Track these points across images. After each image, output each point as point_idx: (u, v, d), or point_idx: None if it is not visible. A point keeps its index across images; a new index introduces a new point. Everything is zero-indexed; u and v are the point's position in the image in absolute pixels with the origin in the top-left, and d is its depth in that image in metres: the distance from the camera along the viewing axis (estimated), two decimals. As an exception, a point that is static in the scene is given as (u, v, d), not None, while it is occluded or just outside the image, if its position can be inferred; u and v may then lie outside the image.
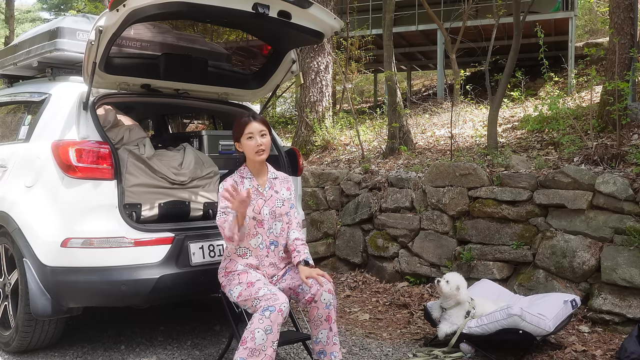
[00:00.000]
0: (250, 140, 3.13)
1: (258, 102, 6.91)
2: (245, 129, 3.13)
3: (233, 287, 3.10)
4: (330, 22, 3.71)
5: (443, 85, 12.28)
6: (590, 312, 4.11)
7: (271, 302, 2.87)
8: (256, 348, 2.82)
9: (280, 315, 2.86)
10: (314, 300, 3.08)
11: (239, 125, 3.15)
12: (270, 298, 2.90)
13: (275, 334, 2.85)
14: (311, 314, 3.13)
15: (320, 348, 3.12)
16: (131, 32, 3.87)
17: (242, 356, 2.83)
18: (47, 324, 3.52)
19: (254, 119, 3.15)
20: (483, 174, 4.91)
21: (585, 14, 16.67)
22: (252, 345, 2.81)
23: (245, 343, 2.83)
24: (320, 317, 3.09)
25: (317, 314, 3.10)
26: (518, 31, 6.23)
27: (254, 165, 3.24)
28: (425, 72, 20.11)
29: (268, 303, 2.87)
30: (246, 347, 2.82)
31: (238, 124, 3.16)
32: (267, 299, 2.90)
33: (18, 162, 3.68)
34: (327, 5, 8.25)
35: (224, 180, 3.20)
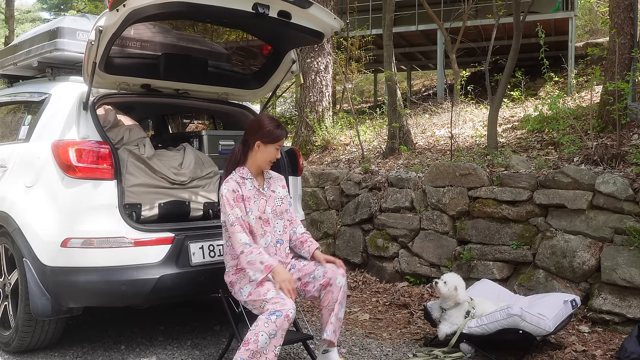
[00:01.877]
0: (275, 152, 3.21)
1: (258, 102, 6.90)
2: (278, 141, 3.20)
3: (243, 286, 3.12)
4: (330, 22, 3.71)
5: (443, 85, 12.28)
6: (590, 312, 4.11)
7: (278, 306, 2.88)
8: (258, 351, 2.82)
9: (286, 321, 2.87)
10: (329, 284, 3.17)
11: (275, 133, 3.18)
12: (277, 302, 2.91)
13: (279, 339, 2.86)
14: (324, 300, 3.20)
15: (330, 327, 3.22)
16: (131, 32, 3.87)
17: (243, 357, 2.83)
18: (47, 324, 3.52)
19: (285, 137, 3.25)
20: (483, 174, 4.91)
21: (585, 14, 16.67)
22: (254, 348, 2.82)
23: (247, 344, 2.83)
24: (334, 300, 3.16)
25: (331, 297, 3.17)
26: (518, 31, 6.23)
27: (256, 168, 3.27)
28: (425, 72, 20.10)
29: (275, 307, 2.88)
30: (248, 348, 2.83)
31: (274, 131, 3.18)
32: (275, 302, 2.91)
33: (18, 162, 3.68)
34: (327, 5, 8.25)
35: (226, 181, 3.19)
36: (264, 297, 2.97)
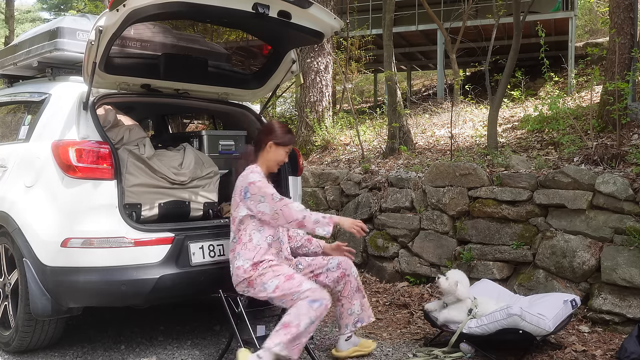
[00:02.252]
0: (284, 154, 3.43)
1: (258, 102, 6.90)
2: (289, 145, 3.44)
3: (267, 280, 3.14)
4: (330, 22, 3.71)
5: (443, 85, 12.28)
6: (590, 312, 4.10)
7: (318, 296, 3.01)
8: (298, 335, 2.94)
9: (325, 310, 3.04)
10: (346, 274, 3.38)
11: (289, 137, 3.43)
12: (317, 291, 3.04)
13: (314, 327, 2.98)
14: (345, 290, 3.41)
15: (355, 319, 3.47)
16: (131, 32, 3.87)
17: (283, 341, 2.93)
18: (47, 324, 3.52)
19: (294, 143, 3.51)
20: (483, 174, 4.91)
21: (585, 14, 16.67)
22: (296, 332, 2.93)
23: (288, 327, 2.93)
24: (353, 289, 3.43)
25: (350, 287, 3.40)
26: (518, 31, 6.23)
27: (265, 169, 3.40)
28: (425, 72, 20.10)
29: (316, 296, 3.00)
30: (289, 331, 2.92)
31: (288, 135, 3.42)
32: (314, 291, 3.03)
33: (18, 162, 3.68)
34: (327, 5, 8.25)
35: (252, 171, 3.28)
36: (297, 288, 3.05)
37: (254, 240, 3.27)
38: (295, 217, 3.14)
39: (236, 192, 3.32)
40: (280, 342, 2.92)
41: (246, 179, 3.26)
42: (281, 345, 2.93)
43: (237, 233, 3.29)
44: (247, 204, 3.24)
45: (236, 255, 3.29)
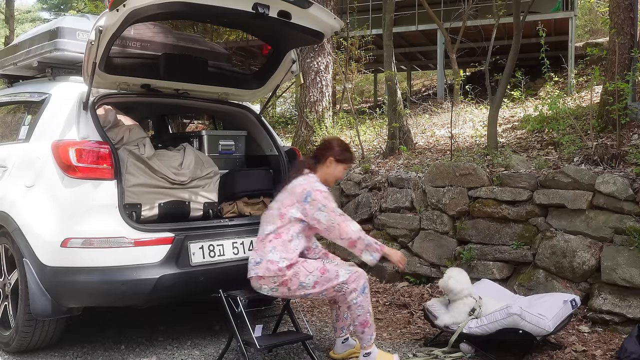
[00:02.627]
0: (342, 171, 3.50)
1: (258, 102, 6.90)
2: (348, 163, 3.53)
3: (305, 278, 3.15)
4: (330, 22, 3.71)
5: (443, 85, 12.28)
6: (590, 312, 4.10)
7: (359, 280, 3.16)
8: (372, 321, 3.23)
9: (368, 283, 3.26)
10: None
11: (349, 155, 3.50)
12: (356, 278, 3.16)
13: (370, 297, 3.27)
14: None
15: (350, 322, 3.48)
16: (131, 32, 3.87)
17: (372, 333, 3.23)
18: (47, 324, 3.52)
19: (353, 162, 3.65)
20: (483, 174, 4.91)
21: (585, 14, 16.68)
22: (372, 320, 3.21)
23: (367, 324, 3.18)
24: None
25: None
26: (518, 31, 6.23)
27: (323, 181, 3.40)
28: (425, 72, 20.11)
29: (358, 283, 3.16)
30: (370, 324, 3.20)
31: (348, 153, 3.48)
32: (354, 279, 3.15)
33: (18, 162, 3.68)
34: (327, 5, 8.25)
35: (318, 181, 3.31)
36: (336, 280, 3.14)
37: (293, 242, 3.23)
38: (350, 235, 3.18)
39: (294, 192, 3.25)
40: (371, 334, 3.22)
41: (312, 185, 3.24)
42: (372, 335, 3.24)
43: (279, 227, 3.23)
44: (304, 207, 3.20)
45: (271, 249, 3.20)
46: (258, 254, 3.26)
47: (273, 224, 3.25)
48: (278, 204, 3.31)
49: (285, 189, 3.35)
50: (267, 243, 3.23)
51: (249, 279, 3.29)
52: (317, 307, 4.77)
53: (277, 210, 3.27)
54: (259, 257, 3.24)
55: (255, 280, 3.25)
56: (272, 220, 3.27)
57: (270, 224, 3.26)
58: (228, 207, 4.21)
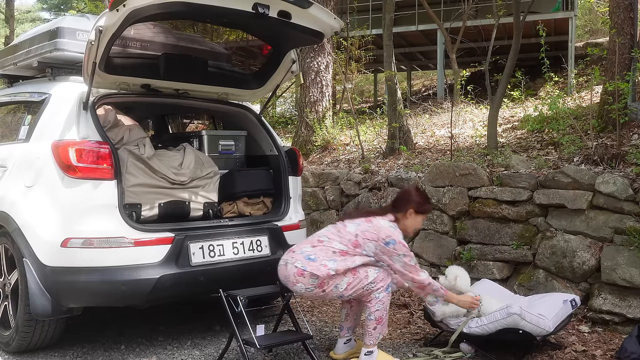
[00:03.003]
0: (421, 222, 3.57)
1: (258, 102, 6.90)
2: (427, 213, 3.65)
3: (339, 281, 3.22)
4: (330, 22, 3.71)
5: (443, 85, 12.28)
6: (590, 312, 4.10)
7: (386, 279, 3.30)
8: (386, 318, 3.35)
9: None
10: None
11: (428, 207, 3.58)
12: (384, 277, 3.29)
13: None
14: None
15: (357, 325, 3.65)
16: (131, 32, 3.87)
17: (382, 332, 3.32)
18: (47, 324, 3.52)
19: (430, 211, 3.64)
20: (483, 174, 4.91)
21: (585, 14, 16.67)
22: (386, 319, 3.32)
23: (381, 321, 3.29)
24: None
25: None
26: (518, 31, 6.23)
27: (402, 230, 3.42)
28: (425, 72, 20.11)
29: (385, 282, 3.29)
30: (384, 322, 3.31)
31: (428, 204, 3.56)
32: (382, 278, 3.28)
33: (18, 162, 3.68)
34: (327, 5, 8.25)
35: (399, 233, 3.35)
36: (366, 280, 3.25)
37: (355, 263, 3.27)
38: (421, 280, 3.33)
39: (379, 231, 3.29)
40: (380, 333, 3.31)
41: (397, 236, 3.30)
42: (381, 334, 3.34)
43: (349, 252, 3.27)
44: (383, 249, 3.27)
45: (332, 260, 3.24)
46: (316, 253, 3.28)
47: (344, 245, 3.30)
48: (356, 228, 3.34)
49: (369, 220, 3.37)
50: (331, 254, 3.28)
51: (281, 267, 3.32)
52: (317, 307, 4.77)
53: (354, 236, 3.31)
54: (314, 256, 3.27)
55: (293, 275, 3.24)
56: (345, 242, 3.31)
57: (342, 244, 3.30)
58: (228, 207, 4.21)
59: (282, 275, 3.33)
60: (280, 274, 3.34)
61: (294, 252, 3.36)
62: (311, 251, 3.30)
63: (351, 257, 3.27)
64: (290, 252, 3.39)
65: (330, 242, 3.32)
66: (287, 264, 3.30)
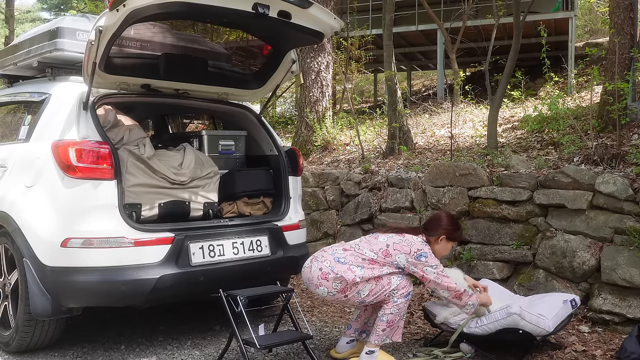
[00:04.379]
0: (449, 248, 3.56)
1: (258, 102, 6.90)
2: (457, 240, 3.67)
3: (362, 287, 3.24)
4: (330, 22, 3.71)
5: (443, 85, 12.28)
6: (590, 312, 4.10)
7: (408, 287, 3.31)
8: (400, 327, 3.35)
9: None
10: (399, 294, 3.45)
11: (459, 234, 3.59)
12: (406, 285, 3.30)
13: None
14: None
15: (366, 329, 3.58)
16: (131, 32, 3.87)
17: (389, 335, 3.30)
18: (47, 324, 3.52)
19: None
20: (483, 174, 4.91)
21: (585, 14, 16.68)
22: (399, 321, 3.31)
23: (392, 325, 3.28)
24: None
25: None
26: (518, 31, 6.23)
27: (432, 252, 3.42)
28: (425, 72, 20.11)
29: (407, 289, 3.30)
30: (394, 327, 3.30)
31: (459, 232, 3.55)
32: (404, 286, 3.29)
33: (18, 162, 3.68)
34: (327, 5, 8.25)
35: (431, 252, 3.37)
36: (389, 287, 3.27)
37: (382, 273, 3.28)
38: (457, 289, 3.35)
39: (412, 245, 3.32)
40: (387, 336, 3.29)
41: (426, 249, 3.33)
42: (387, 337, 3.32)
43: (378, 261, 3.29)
44: (414, 262, 3.29)
45: (360, 267, 3.26)
46: (346, 257, 3.31)
47: (375, 254, 3.31)
48: (388, 239, 3.36)
49: (402, 234, 3.39)
50: (361, 260, 3.30)
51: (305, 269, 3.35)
52: (317, 307, 4.77)
53: (385, 245, 3.33)
54: (344, 259, 3.29)
55: (317, 277, 3.27)
56: (376, 250, 3.32)
57: (373, 252, 3.32)
58: (228, 207, 4.21)
59: (305, 277, 3.36)
60: (304, 276, 3.37)
61: (324, 252, 3.41)
62: (342, 254, 3.33)
63: (380, 266, 3.28)
64: (321, 252, 3.43)
65: (362, 249, 3.34)
66: (311, 267, 3.33)
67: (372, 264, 3.29)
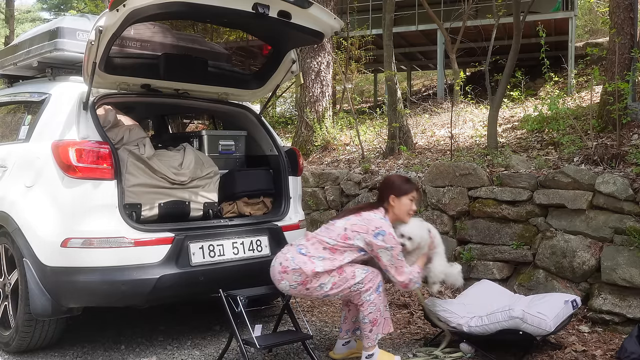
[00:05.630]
0: (410, 202, 3.41)
1: (258, 102, 6.91)
2: (412, 192, 3.42)
3: (324, 281, 3.18)
4: (330, 22, 3.71)
5: (443, 85, 12.28)
6: (590, 312, 4.10)
7: (375, 280, 3.23)
8: (385, 319, 3.30)
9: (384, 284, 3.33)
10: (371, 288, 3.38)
11: (408, 185, 3.44)
12: (372, 277, 3.23)
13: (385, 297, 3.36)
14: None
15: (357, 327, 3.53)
16: (131, 32, 3.87)
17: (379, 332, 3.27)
18: (47, 324, 3.52)
19: (416, 190, 3.47)
20: (483, 174, 4.91)
21: (585, 14, 16.68)
22: (382, 319, 3.26)
23: (376, 323, 3.24)
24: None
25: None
26: (518, 31, 6.23)
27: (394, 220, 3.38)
28: (425, 72, 20.12)
29: (374, 282, 3.22)
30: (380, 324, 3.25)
31: (407, 184, 3.44)
32: (370, 279, 3.22)
33: (18, 162, 3.68)
34: (327, 5, 8.25)
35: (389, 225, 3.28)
36: (353, 280, 3.20)
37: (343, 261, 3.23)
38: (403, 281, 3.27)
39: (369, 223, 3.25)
40: (378, 334, 3.27)
41: (385, 226, 3.25)
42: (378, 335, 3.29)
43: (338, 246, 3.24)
44: (372, 241, 3.21)
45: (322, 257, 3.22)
46: (307, 247, 3.27)
47: (333, 240, 3.27)
48: (345, 223, 3.31)
49: (359, 214, 3.34)
50: (322, 250, 3.26)
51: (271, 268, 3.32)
52: (317, 307, 4.77)
53: (343, 229, 3.28)
54: (305, 250, 3.27)
55: (278, 272, 3.25)
56: (334, 236, 3.28)
57: (332, 239, 3.28)
58: (228, 207, 4.21)
59: (271, 275, 3.34)
60: (270, 274, 3.34)
61: (290, 245, 3.40)
62: (303, 245, 3.31)
63: (341, 254, 3.22)
64: (287, 246, 3.44)
65: (322, 237, 3.30)
66: (274, 262, 3.31)
67: (333, 252, 3.22)
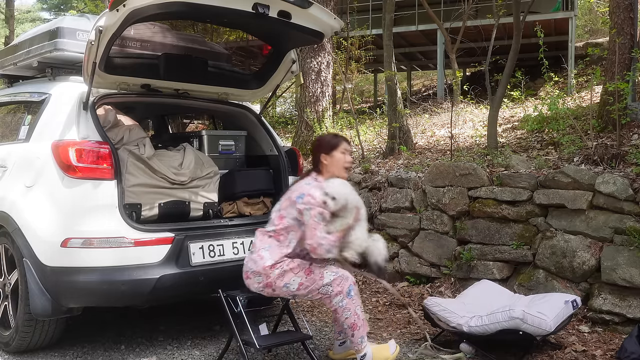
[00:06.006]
0: (343, 155, 3.33)
1: (258, 102, 6.91)
2: (341, 145, 3.35)
3: (289, 280, 3.12)
4: (330, 22, 3.71)
5: (443, 85, 12.29)
6: (590, 312, 4.10)
7: (347, 282, 3.15)
8: (363, 320, 3.22)
9: (356, 286, 3.23)
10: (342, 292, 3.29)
11: (335, 140, 3.38)
12: (343, 279, 3.14)
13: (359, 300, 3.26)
14: None
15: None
16: (131, 32, 3.87)
17: (362, 334, 3.19)
18: (47, 324, 3.52)
19: (344, 141, 3.39)
20: (483, 174, 4.91)
21: (585, 14, 16.68)
22: (361, 322, 3.19)
23: (356, 327, 3.17)
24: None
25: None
26: (518, 31, 6.24)
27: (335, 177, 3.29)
28: (425, 72, 20.13)
29: (344, 286, 3.13)
30: (360, 327, 3.18)
31: (333, 139, 3.39)
32: (339, 282, 3.13)
33: (18, 162, 3.68)
34: (327, 5, 8.25)
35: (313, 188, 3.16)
36: (321, 281, 3.12)
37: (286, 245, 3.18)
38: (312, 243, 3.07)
39: (292, 194, 3.21)
40: (362, 336, 3.19)
41: (306, 189, 3.17)
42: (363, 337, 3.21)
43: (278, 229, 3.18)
44: (297, 207, 3.14)
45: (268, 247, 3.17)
46: (256, 244, 3.26)
47: (273, 225, 3.25)
48: (279, 205, 3.31)
49: (289, 190, 3.33)
50: (267, 239, 3.22)
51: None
52: (317, 307, 4.77)
53: (278, 212, 3.27)
54: (253, 247, 3.26)
55: (245, 279, 3.23)
56: (273, 221, 3.26)
57: (272, 225, 3.25)
58: (228, 207, 4.21)
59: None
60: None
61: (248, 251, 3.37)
62: (252, 244, 3.29)
63: (285, 237, 3.16)
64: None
65: (264, 229, 3.28)
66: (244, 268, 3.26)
67: (278, 239, 3.17)
